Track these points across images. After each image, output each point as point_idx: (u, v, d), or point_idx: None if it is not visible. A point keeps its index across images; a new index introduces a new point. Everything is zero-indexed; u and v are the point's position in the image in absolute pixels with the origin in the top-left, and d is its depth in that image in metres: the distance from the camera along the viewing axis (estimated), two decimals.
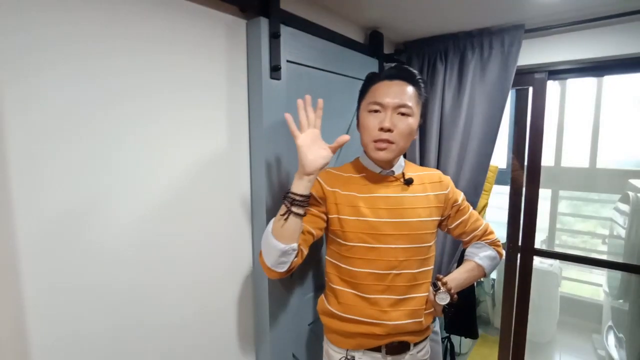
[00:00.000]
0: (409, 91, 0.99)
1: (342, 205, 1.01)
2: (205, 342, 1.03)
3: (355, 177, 1.06)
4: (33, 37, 0.65)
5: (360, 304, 1.01)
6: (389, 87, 0.98)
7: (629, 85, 3.13)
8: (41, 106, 0.67)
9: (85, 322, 0.76)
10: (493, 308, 2.88)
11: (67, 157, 0.71)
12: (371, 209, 1.00)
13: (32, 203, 0.67)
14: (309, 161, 0.86)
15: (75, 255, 0.74)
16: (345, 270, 1.03)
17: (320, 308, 1.12)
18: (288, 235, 0.88)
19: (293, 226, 0.88)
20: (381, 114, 0.98)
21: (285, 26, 1.09)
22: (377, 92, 0.99)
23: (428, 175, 1.10)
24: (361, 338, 1.03)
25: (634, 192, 2.17)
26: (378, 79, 1.01)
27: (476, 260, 1.11)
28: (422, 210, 1.03)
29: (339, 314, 1.03)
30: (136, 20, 0.81)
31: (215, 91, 1.00)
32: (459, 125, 1.57)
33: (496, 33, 1.46)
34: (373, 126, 0.98)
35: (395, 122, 0.97)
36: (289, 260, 0.90)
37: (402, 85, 0.99)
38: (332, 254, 1.08)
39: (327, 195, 1.03)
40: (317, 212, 1.02)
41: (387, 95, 0.97)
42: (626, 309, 2.14)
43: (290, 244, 0.88)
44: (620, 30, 1.37)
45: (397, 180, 1.05)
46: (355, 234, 1.00)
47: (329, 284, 1.08)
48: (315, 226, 1.00)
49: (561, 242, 3.65)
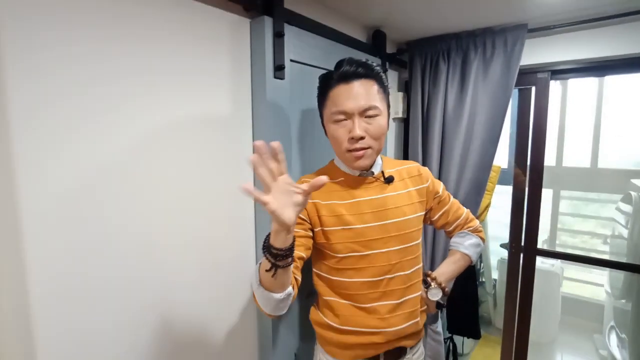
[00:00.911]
0: (372, 89, 0.91)
1: (325, 217, 0.95)
2: (208, 342, 1.02)
3: (333, 184, 0.99)
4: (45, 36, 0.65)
5: (358, 315, 0.97)
6: (348, 91, 0.89)
7: (630, 85, 3.13)
8: (46, 106, 0.67)
9: (88, 317, 0.76)
10: (495, 308, 2.88)
11: (72, 153, 0.71)
12: (356, 216, 0.95)
13: (36, 195, 0.67)
14: (286, 218, 0.68)
15: (79, 250, 0.73)
16: (337, 283, 0.98)
17: (314, 319, 1.05)
18: (280, 284, 0.78)
19: (283, 276, 0.76)
20: (348, 122, 0.90)
21: (289, 25, 1.09)
22: (337, 100, 0.90)
23: (406, 169, 1.07)
24: (359, 349, 0.99)
25: (636, 192, 2.16)
26: (335, 83, 0.91)
27: (462, 250, 1.10)
28: (406, 207, 1.00)
29: (336, 327, 0.98)
30: (137, 19, 0.80)
31: (218, 91, 0.99)
32: (462, 125, 1.57)
33: (499, 32, 1.46)
34: (343, 137, 0.91)
35: (364, 126, 0.90)
36: (287, 304, 0.83)
37: (362, 84, 0.90)
38: (320, 267, 1.02)
39: (309, 208, 0.96)
40: (303, 233, 0.94)
41: (348, 100, 0.89)
42: (629, 309, 2.14)
43: (285, 291, 0.80)
44: (623, 30, 1.37)
45: (377, 180, 1.00)
46: (343, 244, 0.95)
47: (322, 296, 1.02)
48: (305, 248, 0.93)
49: (561, 242, 3.65)
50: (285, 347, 1.19)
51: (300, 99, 1.19)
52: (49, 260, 0.69)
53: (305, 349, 1.26)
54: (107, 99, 0.76)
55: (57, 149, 0.69)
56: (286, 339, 1.19)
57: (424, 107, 1.68)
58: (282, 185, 0.68)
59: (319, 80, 0.98)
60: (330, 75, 0.93)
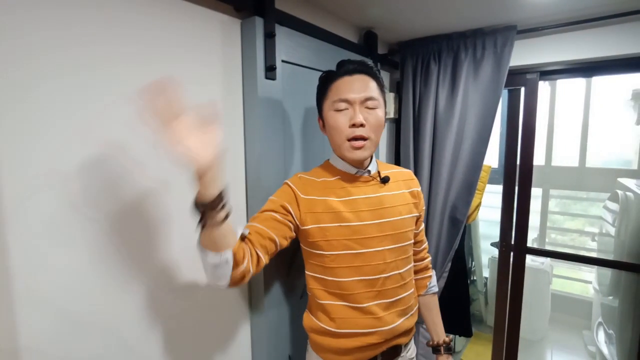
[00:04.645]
0: (372, 84, 0.96)
1: (321, 213, 0.95)
2: (201, 343, 1.01)
3: (330, 181, 1.00)
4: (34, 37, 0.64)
5: (353, 316, 0.96)
6: (350, 83, 0.94)
7: (616, 85, 3.19)
8: (32, 99, 0.66)
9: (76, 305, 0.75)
10: (486, 306, 2.90)
11: (59, 156, 0.70)
12: (353, 213, 0.95)
13: (23, 195, 0.66)
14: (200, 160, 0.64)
15: (64, 253, 0.72)
16: (332, 283, 0.96)
17: (308, 325, 1.03)
18: (212, 242, 0.74)
19: (214, 233, 0.72)
20: (349, 110, 0.94)
21: (280, 26, 1.09)
22: (340, 89, 0.94)
23: (400, 173, 1.10)
24: (357, 352, 0.98)
25: (622, 191, 2.20)
26: (337, 76, 0.96)
27: (435, 291, 1.21)
28: (402, 207, 1.02)
29: (332, 331, 0.97)
30: (127, 19, 0.79)
31: (209, 91, 0.99)
32: (453, 125, 1.58)
33: (489, 34, 1.48)
34: (344, 124, 0.93)
35: (365, 116, 0.93)
36: (224, 273, 0.78)
37: (362, 79, 0.95)
38: (313, 268, 1.00)
39: (302, 205, 0.95)
40: (282, 219, 0.93)
41: (351, 90, 0.93)
42: (616, 306, 2.18)
43: (221, 254, 0.75)
44: (609, 32, 1.40)
45: (374, 179, 1.02)
46: (339, 241, 0.94)
47: (316, 300, 1.00)
48: (279, 234, 0.91)
49: (550, 240, 3.70)
50: (279, 349, 1.19)
51: (292, 99, 1.19)
52: (34, 263, 0.68)
53: (300, 351, 1.26)
54: (93, 107, 0.74)
55: (45, 152, 0.68)
56: (280, 341, 1.19)
57: (415, 108, 1.69)
58: (184, 126, 0.62)
59: (321, 77, 1.01)
60: (335, 72, 0.98)
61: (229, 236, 0.77)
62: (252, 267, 0.85)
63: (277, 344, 1.18)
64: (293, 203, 0.95)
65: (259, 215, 0.93)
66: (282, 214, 0.94)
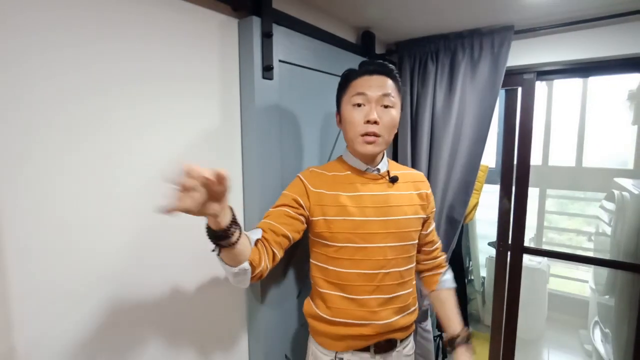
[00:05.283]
0: (390, 83, 1.00)
1: (328, 207, 1.00)
2: (197, 342, 1.01)
3: (340, 176, 1.04)
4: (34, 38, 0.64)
5: (349, 307, 1.00)
6: (370, 81, 0.99)
7: (612, 85, 3.21)
8: (29, 101, 0.65)
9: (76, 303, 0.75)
10: (483, 305, 2.91)
11: (56, 153, 0.70)
12: (358, 208, 0.99)
13: (19, 197, 0.65)
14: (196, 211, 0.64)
15: (63, 251, 0.72)
16: (333, 273, 1.01)
17: (307, 311, 1.09)
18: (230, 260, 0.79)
19: (230, 254, 0.77)
20: (365, 107, 0.98)
21: (277, 26, 1.09)
22: (360, 85, 0.99)
23: (411, 174, 1.12)
24: (350, 340, 1.02)
25: (619, 191, 2.21)
26: (357, 75, 1.01)
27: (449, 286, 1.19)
28: (407, 208, 1.04)
29: (327, 318, 1.02)
30: (123, 18, 0.79)
31: (206, 90, 0.98)
32: (450, 125, 1.58)
33: (486, 34, 1.48)
34: (359, 120, 0.98)
35: (379, 114, 0.97)
36: (244, 279, 0.84)
37: (382, 78, 1.00)
38: (317, 257, 1.05)
39: (312, 197, 1.01)
40: (294, 214, 0.98)
41: (370, 87, 0.98)
42: (612, 305, 2.19)
43: (239, 266, 0.80)
44: (606, 33, 1.40)
45: (383, 178, 1.05)
46: (343, 234, 0.99)
47: (316, 287, 1.06)
48: (292, 229, 0.96)
49: (548, 239, 3.72)
50: (276, 349, 1.19)
51: (290, 99, 1.19)
52: (32, 261, 0.67)
53: (297, 350, 1.26)
54: (91, 110, 0.74)
55: (43, 152, 0.68)
56: (276, 340, 1.19)
57: (413, 108, 1.69)
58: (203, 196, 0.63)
59: (343, 75, 1.06)
60: (356, 70, 1.03)
61: (245, 251, 0.81)
62: (269, 264, 0.90)
63: (273, 344, 1.18)
64: (304, 196, 1.01)
65: (272, 212, 0.99)
66: (294, 208, 0.99)
